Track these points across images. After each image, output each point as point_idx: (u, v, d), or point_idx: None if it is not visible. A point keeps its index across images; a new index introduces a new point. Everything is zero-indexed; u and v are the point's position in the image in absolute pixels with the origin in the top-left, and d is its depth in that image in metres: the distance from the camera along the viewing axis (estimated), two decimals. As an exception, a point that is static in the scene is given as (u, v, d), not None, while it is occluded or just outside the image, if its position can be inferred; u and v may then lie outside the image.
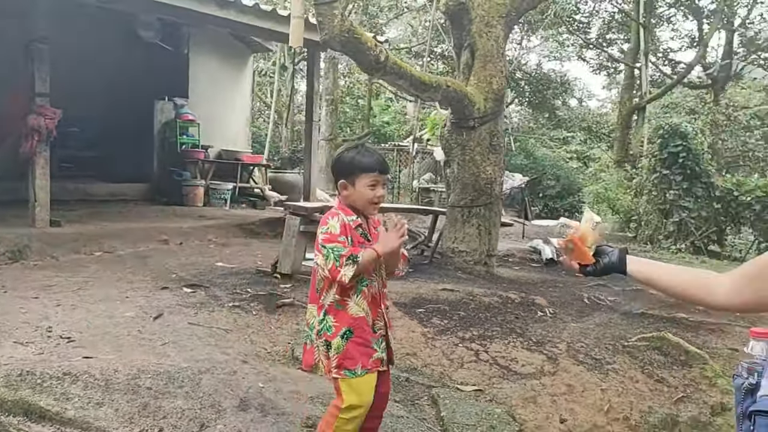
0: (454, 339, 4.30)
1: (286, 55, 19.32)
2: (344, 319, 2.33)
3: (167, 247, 6.85)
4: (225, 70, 11.78)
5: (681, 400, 3.88)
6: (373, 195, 2.36)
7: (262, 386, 3.30)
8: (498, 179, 6.68)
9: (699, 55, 19.99)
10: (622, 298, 6.00)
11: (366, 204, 2.37)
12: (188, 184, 10.40)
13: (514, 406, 3.60)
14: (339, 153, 2.50)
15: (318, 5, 4.71)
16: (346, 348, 2.33)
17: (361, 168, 2.36)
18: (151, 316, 4.24)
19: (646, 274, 1.67)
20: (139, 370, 3.15)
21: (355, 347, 2.33)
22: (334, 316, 2.33)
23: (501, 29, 6.53)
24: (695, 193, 10.58)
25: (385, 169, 2.42)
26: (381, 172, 2.38)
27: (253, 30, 8.40)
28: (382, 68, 5.28)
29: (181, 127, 10.78)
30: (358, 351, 2.34)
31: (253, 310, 4.64)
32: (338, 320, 2.32)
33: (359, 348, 2.34)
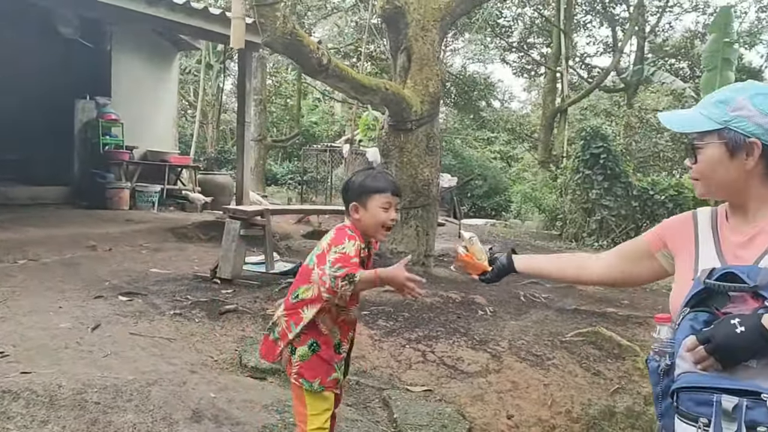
0: (400, 340, 4.35)
1: (212, 54, 18.90)
2: (312, 332, 2.31)
3: (96, 253, 6.56)
4: (150, 69, 11.41)
5: (617, 392, 4.08)
6: (387, 217, 2.29)
7: (213, 396, 3.24)
8: (435, 181, 6.80)
9: (615, 60, 20.98)
10: (555, 294, 6.24)
11: (377, 227, 2.29)
12: (113, 187, 10.01)
13: (463, 405, 3.69)
14: (350, 176, 2.43)
15: (259, 6, 4.65)
16: (311, 359, 2.31)
17: (374, 189, 2.30)
18: (89, 327, 4.07)
19: (533, 267, 1.96)
20: (84, 384, 3.03)
21: (318, 361, 2.31)
22: (306, 327, 2.30)
23: (436, 33, 6.65)
24: (615, 192, 11.12)
25: (399, 192, 2.37)
26: (394, 194, 2.33)
27: (182, 28, 8.18)
28: (324, 71, 5.27)
29: (104, 127, 10.36)
30: (320, 366, 2.32)
31: (196, 317, 4.53)
32: (307, 330, 2.30)
33: (322, 364, 2.32)
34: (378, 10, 6.67)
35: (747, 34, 23.05)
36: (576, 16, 22.63)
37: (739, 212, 1.48)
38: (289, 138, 20.94)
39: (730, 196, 1.49)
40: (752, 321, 1.25)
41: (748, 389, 1.26)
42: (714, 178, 1.46)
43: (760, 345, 1.24)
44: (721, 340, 1.27)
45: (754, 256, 1.38)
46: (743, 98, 1.42)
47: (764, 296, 1.28)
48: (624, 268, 1.75)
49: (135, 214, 9.36)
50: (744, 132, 1.40)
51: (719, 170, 1.44)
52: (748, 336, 1.24)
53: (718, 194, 1.50)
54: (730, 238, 1.47)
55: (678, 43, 24.17)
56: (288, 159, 23.66)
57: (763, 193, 1.43)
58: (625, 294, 6.78)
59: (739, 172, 1.42)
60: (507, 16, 23.14)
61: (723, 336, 1.27)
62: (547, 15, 22.20)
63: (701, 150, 1.46)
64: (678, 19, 26.91)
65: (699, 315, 1.36)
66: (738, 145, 1.41)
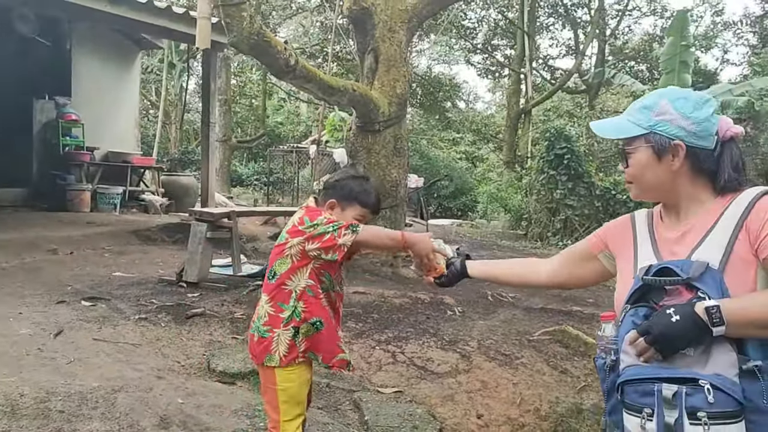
0: (370, 342, 4.35)
1: (174, 53, 18.61)
2: (316, 308, 2.26)
3: (57, 257, 6.40)
4: (111, 68, 11.17)
5: (583, 389, 4.15)
6: None
7: (181, 402, 3.19)
8: (402, 182, 6.83)
9: (577, 62, 21.35)
10: (522, 294, 6.31)
11: None
12: (73, 189, 9.78)
13: (434, 405, 3.70)
14: (345, 176, 2.43)
15: (225, 6, 4.59)
16: (314, 336, 2.27)
17: (362, 202, 2.33)
18: (51, 333, 3.96)
19: (485, 272, 2.05)
20: (48, 392, 2.95)
21: (323, 338, 2.27)
22: (305, 302, 2.24)
23: (403, 35, 6.67)
24: (579, 192, 11.31)
25: (378, 211, 2.44)
26: (374, 212, 2.39)
27: (146, 27, 8.04)
28: (291, 72, 5.24)
29: (64, 128, 10.12)
30: (325, 343, 2.29)
31: (162, 322, 4.46)
32: (309, 307, 2.25)
33: (326, 343, 2.29)
34: (345, 10, 6.66)
35: (703, 38, 23.72)
36: (539, 19, 22.97)
37: (672, 211, 1.56)
38: (255, 138, 20.75)
39: (661, 197, 1.57)
40: (686, 310, 1.32)
41: (686, 377, 1.31)
42: (644, 181, 1.53)
43: (695, 332, 1.31)
44: (658, 330, 1.33)
45: (687, 250, 1.45)
46: (665, 102, 1.50)
47: (697, 287, 1.35)
48: (570, 271, 1.84)
49: (97, 217, 9.15)
50: (668, 135, 1.48)
51: (648, 173, 1.51)
52: (683, 324, 1.31)
53: (650, 195, 1.58)
54: (665, 236, 1.54)
55: (637, 46, 24.72)
56: (254, 160, 23.44)
57: (691, 191, 1.51)
58: (589, 293, 6.90)
59: (667, 173, 1.50)
60: (471, 18, 23.36)
61: (660, 326, 1.33)
62: (511, 17, 22.48)
63: (631, 154, 1.54)
64: (637, 22, 27.56)
65: (639, 310, 1.43)
66: (663, 147, 1.48)
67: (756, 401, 1.29)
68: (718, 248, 1.41)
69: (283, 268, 2.28)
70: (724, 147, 1.50)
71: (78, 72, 10.53)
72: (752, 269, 1.38)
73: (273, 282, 2.29)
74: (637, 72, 23.93)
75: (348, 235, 2.16)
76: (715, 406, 1.27)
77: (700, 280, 1.36)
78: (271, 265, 2.31)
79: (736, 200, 1.46)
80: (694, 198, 1.51)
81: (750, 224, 1.40)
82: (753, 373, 1.30)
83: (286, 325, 2.25)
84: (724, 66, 26.64)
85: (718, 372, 1.31)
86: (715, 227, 1.45)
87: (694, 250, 1.44)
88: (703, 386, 1.29)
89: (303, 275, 2.25)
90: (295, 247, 2.24)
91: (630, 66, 24.41)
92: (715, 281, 1.36)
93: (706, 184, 1.51)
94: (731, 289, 1.36)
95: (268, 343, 2.26)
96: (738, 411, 1.28)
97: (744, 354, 1.32)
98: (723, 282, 1.36)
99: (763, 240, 1.37)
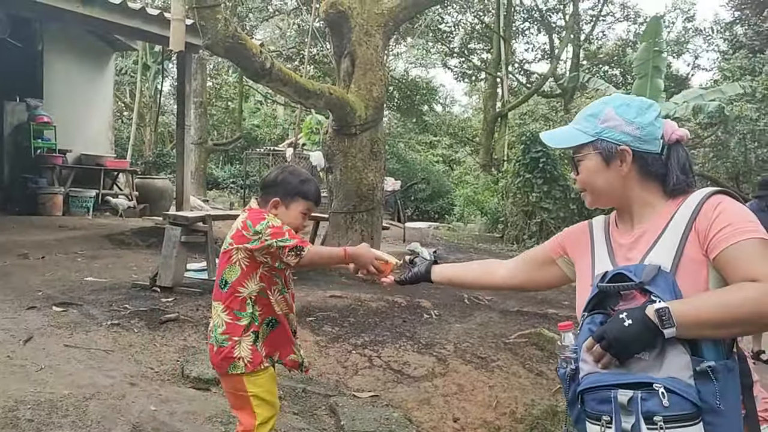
0: (347, 346, 4.34)
1: (149, 54, 18.41)
2: (269, 308, 2.30)
3: (28, 261, 6.28)
4: (84, 70, 11.01)
5: (558, 391, 4.17)
6: (301, 223, 2.38)
7: (154, 409, 3.15)
8: (379, 185, 6.83)
9: (553, 67, 21.57)
10: (498, 297, 6.34)
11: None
12: (45, 192, 9.63)
13: (410, 409, 3.71)
14: (282, 172, 2.42)
15: (200, 8, 4.55)
16: (270, 335, 2.33)
17: (304, 194, 2.34)
18: (21, 340, 3.88)
19: (446, 276, 2.03)
20: (17, 400, 2.89)
21: (277, 335, 2.34)
22: (260, 305, 2.28)
23: (380, 38, 6.68)
24: (554, 195, 11.42)
25: (319, 202, 2.46)
26: (316, 203, 2.41)
27: (119, 29, 7.95)
28: (267, 75, 5.21)
29: (36, 130, 9.96)
30: (279, 342, 2.36)
31: (135, 327, 4.39)
32: (263, 309, 2.29)
33: (280, 340, 2.36)
34: (321, 14, 6.65)
35: (675, 43, 24.12)
36: (515, 24, 23.17)
37: (625, 216, 1.57)
38: (231, 141, 20.61)
39: (614, 202, 1.58)
40: (637, 313, 1.33)
41: (641, 381, 1.31)
42: (596, 187, 1.55)
43: (647, 335, 1.31)
44: (612, 335, 1.33)
45: (640, 255, 1.46)
46: (609, 109, 1.53)
47: (650, 291, 1.36)
48: (528, 274, 1.86)
49: (69, 220, 9.01)
50: (614, 141, 1.50)
51: (599, 179, 1.53)
52: (635, 328, 1.31)
53: (603, 201, 1.59)
54: (620, 242, 1.56)
55: (611, 51, 25.05)
56: (230, 163, 23.27)
57: (642, 196, 1.53)
58: (564, 295, 6.95)
59: (617, 178, 1.52)
60: (448, 22, 23.46)
61: (614, 331, 1.33)
62: (487, 22, 22.64)
63: (581, 162, 1.56)
64: (611, 28, 27.95)
65: (595, 317, 1.43)
66: (611, 153, 1.50)
67: (710, 402, 1.29)
68: (670, 251, 1.42)
69: (233, 276, 2.27)
70: (671, 150, 1.52)
71: (50, 74, 10.37)
72: (703, 270, 1.39)
73: (225, 291, 2.28)
74: (611, 76, 24.24)
75: (292, 258, 2.20)
76: (671, 410, 1.27)
77: (653, 283, 1.36)
78: (221, 273, 2.30)
79: (686, 202, 1.47)
80: (645, 202, 1.53)
81: (698, 225, 1.41)
82: (706, 374, 1.30)
83: (246, 332, 2.26)
84: (695, 71, 27.13)
85: (672, 375, 1.30)
86: (666, 230, 1.46)
87: (646, 254, 1.45)
88: (657, 390, 1.28)
89: (254, 280, 2.27)
90: (242, 251, 2.25)
91: (604, 70, 24.73)
92: (668, 284, 1.37)
93: (655, 187, 1.53)
94: (684, 290, 1.36)
95: (229, 352, 2.25)
96: (694, 413, 1.28)
97: (698, 355, 1.32)
98: (675, 284, 1.37)
99: (711, 240, 1.38)
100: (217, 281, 2.32)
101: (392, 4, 6.83)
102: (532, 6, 23.61)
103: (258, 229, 2.22)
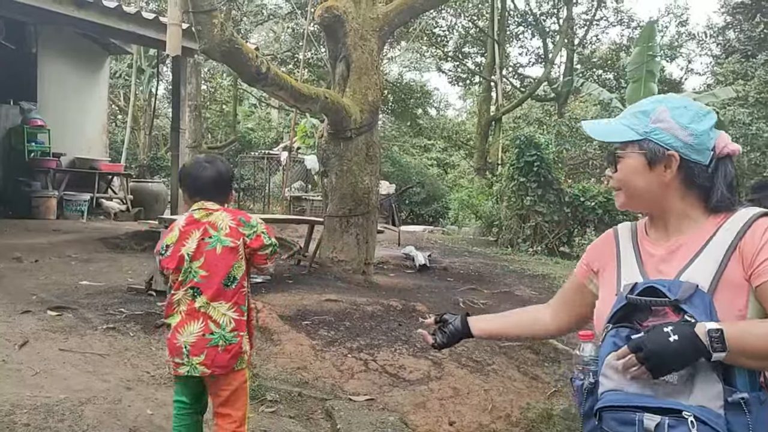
0: (342, 350, 4.35)
1: (143, 57, 18.39)
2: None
3: (22, 265, 6.25)
4: (79, 73, 10.99)
5: (554, 395, 4.20)
6: None
7: (150, 413, 3.15)
8: (375, 189, 6.84)
9: (547, 71, 21.66)
10: (493, 300, 6.38)
11: None
12: (38, 196, 9.60)
13: (406, 413, 3.72)
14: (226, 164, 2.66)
15: (196, 13, 4.56)
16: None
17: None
18: (16, 344, 3.87)
19: (487, 331, 1.84)
20: (13, 405, 2.89)
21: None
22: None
23: (375, 43, 6.70)
24: (548, 199, 11.45)
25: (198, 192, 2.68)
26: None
27: (114, 33, 7.94)
28: (263, 79, 5.22)
29: (29, 134, 9.92)
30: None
31: (130, 331, 4.39)
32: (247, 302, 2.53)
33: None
34: (316, 18, 6.67)
35: (668, 48, 24.25)
36: (509, 28, 23.23)
37: (659, 226, 1.48)
38: (226, 145, 20.60)
39: (648, 208, 1.49)
40: (685, 330, 1.24)
41: (670, 407, 1.25)
42: (633, 188, 1.45)
43: (692, 355, 1.23)
44: (653, 348, 1.24)
45: (675, 270, 1.38)
46: (663, 109, 1.43)
47: (685, 310, 1.28)
48: (573, 310, 1.70)
49: (63, 224, 8.99)
50: (663, 144, 1.41)
51: (638, 180, 1.43)
52: (680, 345, 1.22)
53: (637, 204, 1.50)
54: (651, 252, 1.47)
55: (605, 55, 25.17)
56: (224, 166, 23.19)
57: (681, 206, 1.43)
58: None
59: (658, 183, 1.42)
60: (443, 26, 23.54)
61: (655, 344, 1.24)
62: (481, 26, 22.72)
63: (622, 159, 1.46)
64: (604, 32, 28.11)
65: (620, 330, 1.35)
66: (657, 156, 1.41)
67: None
68: (709, 270, 1.33)
69: (240, 271, 2.43)
70: (719, 163, 1.42)
71: (44, 77, 10.34)
72: (744, 295, 1.31)
73: (233, 287, 2.41)
74: (605, 80, 24.35)
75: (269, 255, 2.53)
76: None
77: (689, 302, 1.29)
78: (227, 271, 2.39)
79: (730, 220, 1.39)
80: (684, 214, 1.43)
81: (744, 247, 1.33)
82: (739, 406, 1.24)
83: (248, 324, 2.48)
84: (689, 75, 27.30)
85: (702, 404, 1.24)
86: (706, 247, 1.37)
87: (682, 271, 1.36)
88: (686, 418, 1.22)
89: (246, 274, 2.50)
90: (242, 247, 2.44)
91: (598, 74, 24.85)
92: (705, 304, 1.28)
93: (697, 200, 1.43)
94: (720, 313, 1.28)
95: (238, 347, 2.35)
96: None
97: (730, 385, 1.26)
98: (712, 306, 1.29)
99: (758, 266, 1.30)
100: (221, 281, 2.39)
101: (387, 9, 6.86)
102: (526, 10, 23.71)
103: (252, 223, 2.45)
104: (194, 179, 2.49)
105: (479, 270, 8.59)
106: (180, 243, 2.40)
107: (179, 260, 2.39)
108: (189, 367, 2.37)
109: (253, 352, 2.81)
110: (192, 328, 2.36)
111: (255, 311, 4.67)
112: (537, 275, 8.53)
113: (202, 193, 2.47)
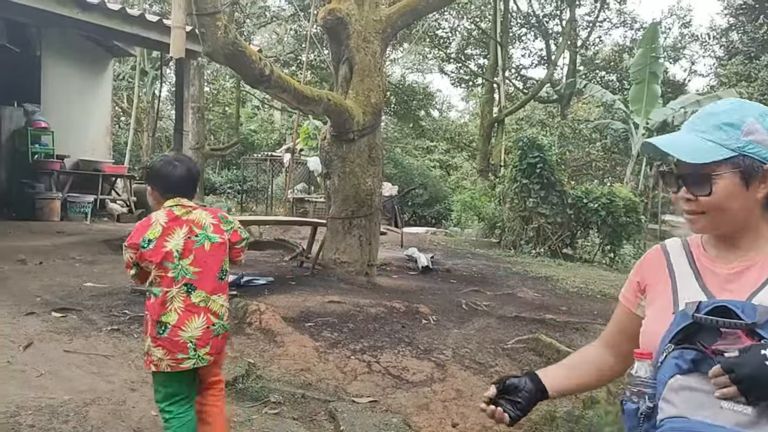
0: (346, 351, 4.35)
1: (146, 60, 18.44)
2: None
3: (26, 267, 6.28)
4: (82, 75, 11.03)
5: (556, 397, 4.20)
6: None
7: (155, 414, 3.15)
8: (377, 190, 6.85)
9: (549, 72, 21.66)
10: (496, 302, 6.37)
11: None
12: (42, 197, 9.63)
13: (409, 414, 3.72)
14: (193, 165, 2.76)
15: (200, 16, 4.58)
16: None
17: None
18: (20, 346, 3.89)
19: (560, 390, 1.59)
20: (18, 406, 2.90)
21: None
22: None
23: (378, 45, 6.71)
24: (551, 200, 11.44)
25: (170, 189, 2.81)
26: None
27: (118, 35, 7.97)
28: (266, 82, 5.23)
29: (33, 136, 9.95)
30: None
31: (134, 333, 4.40)
32: None
33: None
34: (319, 20, 6.68)
35: (671, 49, 24.25)
36: (512, 29, 23.26)
37: (726, 243, 1.34)
38: (228, 146, 20.63)
39: (730, 229, 1.32)
40: None
41: None
42: (729, 212, 1.28)
43: None
44: (749, 371, 1.12)
45: (746, 290, 1.26)
46: (753, 120, 1.27)
47: (762, 335, 1.16)
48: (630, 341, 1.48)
49: (67, 226, 9.01)
50: (760, 158, 1.25)
51: (734, 204, 1.27)
52: None
53: (720, 228, 1.32)
54: (713, 270, 1.33)
55: (608, 57, 25.18)
56: (227, 168, 23.29)
57: (759, 224, 1.31)
58: (562, 300, 6.99)
59: (753, 203, 1.27)
60: (445, 28, 23.57)
61: (752, 367, 1.12)
62: (484, 27, 22.73)
63: (716, 182, 1.27)
64: (607, 34, 28.17)
65: (685, 353, 1.22)
66: (754, 173, 1.25)
67: None
68: None
69: (227, 264, 2.65)
70: None
71: (48, 79, 10.38)
72: None
73: (225, 279, 2.65)
74: (608, 82, 24.37)
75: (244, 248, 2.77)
76: None
77: (766, 326, 1.16)
78: (220, 266, 2.59)
79: None
80: (760, 234, 1.30)
81: None
82: None
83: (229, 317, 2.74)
84: (692, 77, 27.30)
85: None
86: None
87: (756, 292, 1.24)
88: None
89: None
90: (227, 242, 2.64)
91: (601, 76, 24.86)
92: None
93: None
94: None
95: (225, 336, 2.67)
96: None
97: None
98: None
99: None
100: (215, 275, 2.58)
101: (390, 11, 6.87)
102: (528, 12, 23.73)
103: (229, 219, 2.68)
104: (166, 177, 2.56)
105: (482, 272, 8.59)
106: (163, 239, 2.44)
107: (165, 255, 2.43)
108: (195, 360, 2.46)
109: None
110: (196, 323, 2.45)
111: (258, 313, 4.71)
112: (540, 277, 8.53)
113: (174, 191, 2.56)
